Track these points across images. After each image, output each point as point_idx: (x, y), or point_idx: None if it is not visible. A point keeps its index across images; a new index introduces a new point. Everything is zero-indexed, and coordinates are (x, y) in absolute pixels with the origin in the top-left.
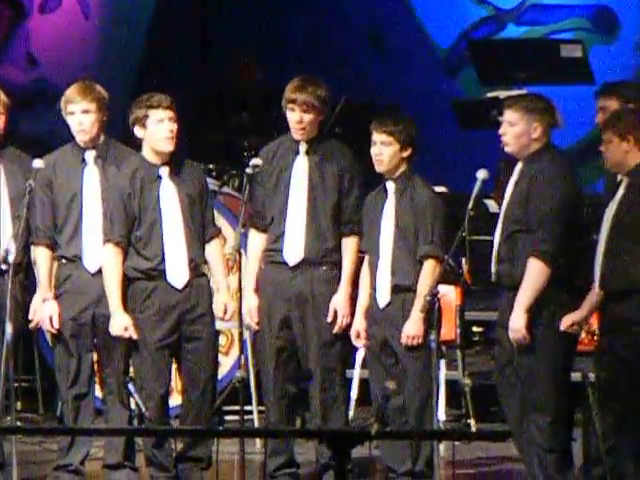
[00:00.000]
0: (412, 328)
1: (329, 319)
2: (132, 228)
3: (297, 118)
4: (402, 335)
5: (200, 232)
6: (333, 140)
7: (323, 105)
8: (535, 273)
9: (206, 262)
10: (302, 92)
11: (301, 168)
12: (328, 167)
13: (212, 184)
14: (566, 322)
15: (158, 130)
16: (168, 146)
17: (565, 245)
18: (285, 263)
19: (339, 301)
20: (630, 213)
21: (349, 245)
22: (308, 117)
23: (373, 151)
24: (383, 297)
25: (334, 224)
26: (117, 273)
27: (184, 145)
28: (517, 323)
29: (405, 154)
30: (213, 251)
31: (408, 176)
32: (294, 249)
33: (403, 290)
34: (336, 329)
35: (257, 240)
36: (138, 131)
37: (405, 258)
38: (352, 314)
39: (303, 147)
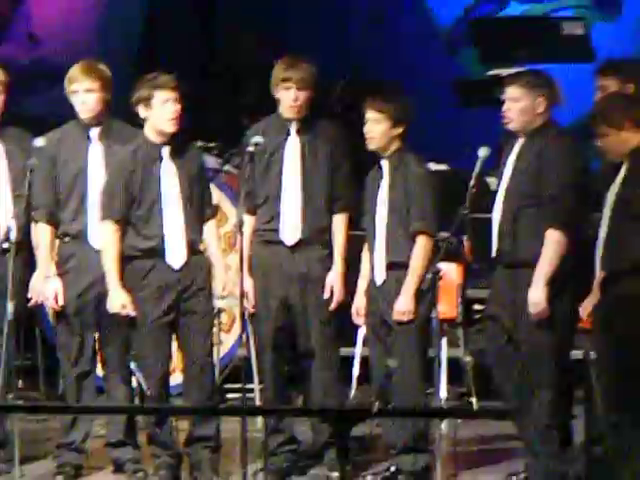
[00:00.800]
0: (402, 304)
1: (325, 296)
2: (131, 207)
3: (293, 96)
4: (394, 311)
5: (199, 212)
6: (321, 118)
7: (315, 82)
8: (554, 244)
9: (202, 241)
10: (296, 70)
11: (293, 148)
12: (319, 145)
13: (214, 162)
14: (586, 309)
15: (163, 111)
16: (172, 127)
17: (580, 217)
18: (281, 243)
19: (334, 278)
20: (632, 194)
21: (340, 222)
22: (303, 95)
23: (365, 128)
24: (379, 274)
25: (328, 202)
26: (116, 251)
27: (186, 124)
28: (538, 296)
29: (397, 131)
30: (210, 231)
31: (401, 154)
32: (291, 229)
33: (398, 267)
34: (333, 305)
35: (248, 222)
36: (142, 111)
37: (399, 235)
38: (347, 291)
39: (294, 127)
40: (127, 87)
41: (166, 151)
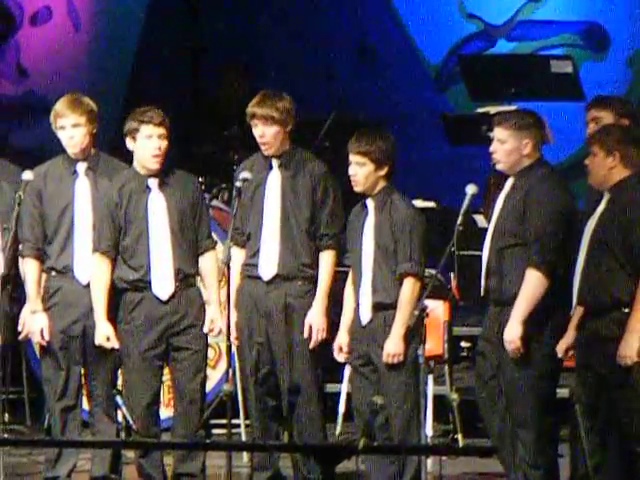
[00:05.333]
0: (392, 346)
1: (305, 334)
2: (119, 238)
3: (259, 132)
4: (383, 353)
5: (191, 244)
6: (306, 153)
7: (286, 117)
8: (533, 284)
9: (199, 274)
10: (261, 106)
11: (274, 183)
12: (300, 180)
13: None
14: (562, 349)
15: (146, 146)
16: (154, 164)
17: (561, 258)
18: (260, 278)
19: (314, 316)
20: (609, 228)
21: (325, 259)
22: (270, 131)
23: (350, 171)
24: (365, 314)
25: (309, 238)
26: (103, 283)
27: (176, 157)
28: (512, 334)
29: (381, 172)
30: (206, 264)
31: (387, 193)
32: (268, 264)
33: (384, 308)
34: (312, 344)
35: (237, 256)
36: (129, 143)
37: (386, 275)
38: (329, 328)
39: (275, 162)
40: (115, 122)
41: (154, 182)
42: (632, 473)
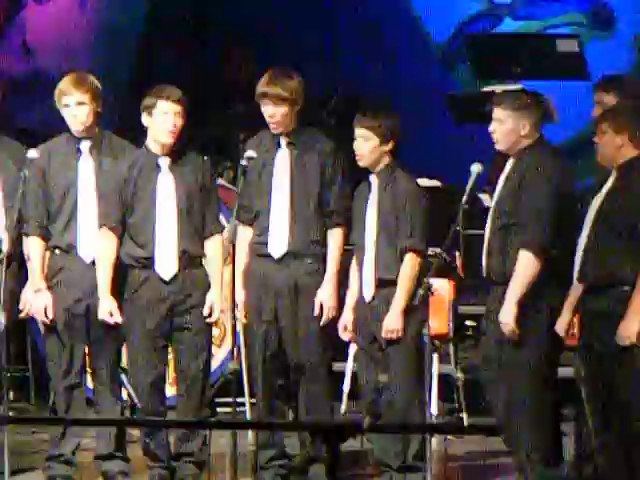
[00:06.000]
0: (391, 322)
1: (315, 312)
2: (126, 214)
3: (270, 112)
4: (382, 329)
5: (198, 226)
6: (314, 130)
7: (296, 96)
8: (525, 265)
9: (204, 256)
10: (272, 85)
11: (283, 161)
12: (310, 158)
13: None
14: (562, 328)
15: (162, 121)
16: (168, 139)
17: (557, 238)
18: (270, 256)
19: (325, 294)
20: (615, 207)
21: (334, 237)
22: (280, 110)
23: (354, 146)
24: (368, 291)
25: (319, 216)
26: (108, 258)
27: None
28: (507, 316)
29: (386, 148)
30: (211, 248)
31: (391, 170)
32: (278, 242)
33: (387, 284)
34: (322, 322)
35: (244, 234)
36: (145, 119)
37: (388, 252)
38: (338, 307)
39: (284, 140)
40: (119, 101)
41: (165, 162)
42: (633, 454)
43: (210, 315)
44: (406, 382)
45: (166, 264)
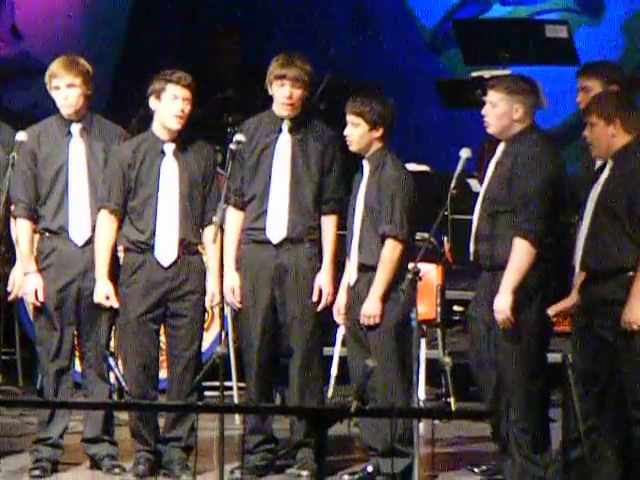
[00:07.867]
0: (368, 308)
1: (314, 298)
2: (127, 198)
3: (287, 94)
4: (360, 314)
5: (198, 213)
6: (314, 118)
7: (310, 80)
8: (520, 253)
9: (201, 244)
10: (291, 67)
11: (284, 146)
12: (311, 145)
13: None
14: (555, 309)
15: (170, 106)
16: (175, 124)
17: (550, 225)
18: (268, 242)
19: (323, 279)
20: (614, 194)
21: (329, 223)
22: (297, 93)
23: (345, 131)
24: (352, 275)
25: (316, 202)
26: (107, 240)
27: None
28: (502, 304)
29: (376, 134)
30: (210, 235)
31: (381, 155)
32: (277, 227)
33: (368, 269)
34: (320, 307)
35: (235, 217)
36: (153, 103)
37: (371, 237)
38: (335, 292)
39: (286, 125)
40: (109, 85)
41: (170, 148)
42: (627, 438)
43: (212, 307)
44: (386, 367)
45: (166, 250)
